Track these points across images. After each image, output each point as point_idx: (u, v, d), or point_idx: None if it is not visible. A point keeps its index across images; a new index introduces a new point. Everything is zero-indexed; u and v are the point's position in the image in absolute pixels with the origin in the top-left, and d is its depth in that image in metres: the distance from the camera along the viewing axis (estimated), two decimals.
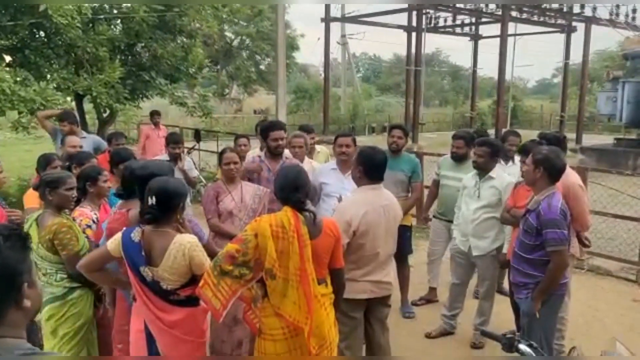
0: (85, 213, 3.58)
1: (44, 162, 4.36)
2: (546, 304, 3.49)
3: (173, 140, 5.97)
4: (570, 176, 4.04)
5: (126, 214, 3.12)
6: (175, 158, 5.96)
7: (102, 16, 8.99)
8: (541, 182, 3.50)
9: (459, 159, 5.18)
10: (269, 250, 2.71)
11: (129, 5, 9.27)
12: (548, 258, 3.43)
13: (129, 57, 10.10)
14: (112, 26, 9.49)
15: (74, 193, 3.46)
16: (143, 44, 9.81)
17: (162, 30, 9.70)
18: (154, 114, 9.59)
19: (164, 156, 6.20)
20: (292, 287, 2.75)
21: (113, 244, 2.83)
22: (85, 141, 6.30)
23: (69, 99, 9.24)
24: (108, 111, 10.30)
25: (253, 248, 2.72)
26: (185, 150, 11.92)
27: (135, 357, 2.92)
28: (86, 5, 8.13)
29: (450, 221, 5.03)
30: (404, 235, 5.17)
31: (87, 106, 11.14)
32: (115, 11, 9.48)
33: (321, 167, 5.05)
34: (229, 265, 2.70)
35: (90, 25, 8.87)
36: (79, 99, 9.80)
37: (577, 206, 3.97)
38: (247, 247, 2.72)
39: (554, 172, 3.50)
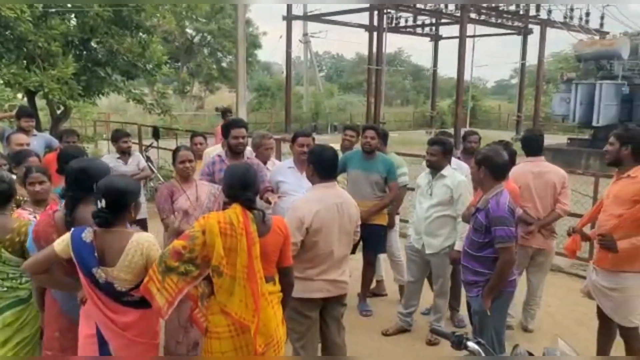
0: (22, 215, 3.42)
1: None
2: (496, 301, 3.56)
3: (123, 134, 6.13)
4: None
5: (52, 216, 3.01)
6: (125, 152, 6.01)
7: (54, 10, 8.71)
8: (486, 181, 3.60)
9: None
10: (217, 248, 2.67)
11: None
12: (496, 255, 3.50)
13: (84, 52, 9.80)
14: (66, 20, 9.20)
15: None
16: (98, 39, 9.52)
17: (118, 26, 9.46)
18: (227, 112, 9.40)
19: (112, 155, 6.15)
20: (239, 285, 2.72)
21: (61, 245, 2.73)
22: (36, 139, 6.13)
23: (19, 95, 8.94)
24: (62, 108, 10.00)
25: (200, 245, 2.68)
26: (144, 147, 11.74)
27: (95, 357, 2.82)
28: None
29: None
30: (378, 234, 5.21)
31: (40, 103, 10.80)
32: (69, 5, 9.20)
33: (278, 165, 5.03)
34: (175, 262, 2.65)
35: (43, 19, 8.59)
36: (30, 95, 9.48)
37: None
38: (194, 243, 2.67)
39: (496, 170, 3.58)
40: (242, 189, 2.83)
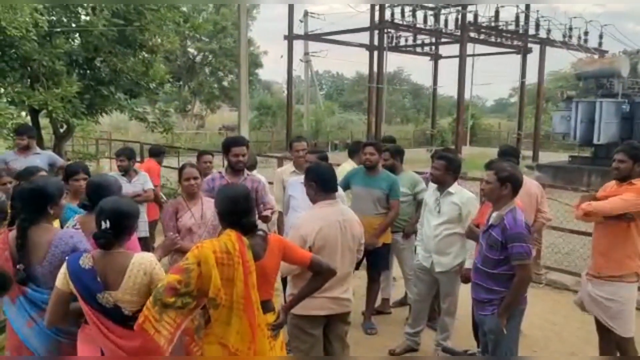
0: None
1: None
2: (511, 318, 3.50)
3: (124, 154, 6.20)
4: None
5: (7, 232, 2.94)
6: (126, 170, 6.04)
7: (59, 29, 8.79)
8: (506, 198, 3.54)
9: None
10: (214, 279, 2.59)
11: (87, 18, 9.10)
12: (512, 272, 3.43)
13: (87, 71, 9.88)
14: (70, 40, 9.29)
15: None
16: (102, 58, 9.62)
17: (122, 45, 9.54)
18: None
19: (116, 172, 6.15)
20: (236, 316, 2.66)
21: (61, 279, 2.65)
22: (39, 157, 6.14)
23: (23, 113, 8.98)
24: (65, 126, 10.05)
25: (196, 277, 2.60)
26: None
27: (97, 357, 2.75)
28: (42, 18, 7.93)
29: None
30: (380, 251, 5.18)
31: (43, 121, 10.85)
32: (73, 25, 9.29)
33: (291, 180, 5.03)
34: (171, 298, 2.55)
35: (47, 38, 8.66)
36: (34, 113, 9.53)
37: None
38: (190, 276, 2.59)
39: (518, 187, 3.58)
40: (238, 214, 2.77)
